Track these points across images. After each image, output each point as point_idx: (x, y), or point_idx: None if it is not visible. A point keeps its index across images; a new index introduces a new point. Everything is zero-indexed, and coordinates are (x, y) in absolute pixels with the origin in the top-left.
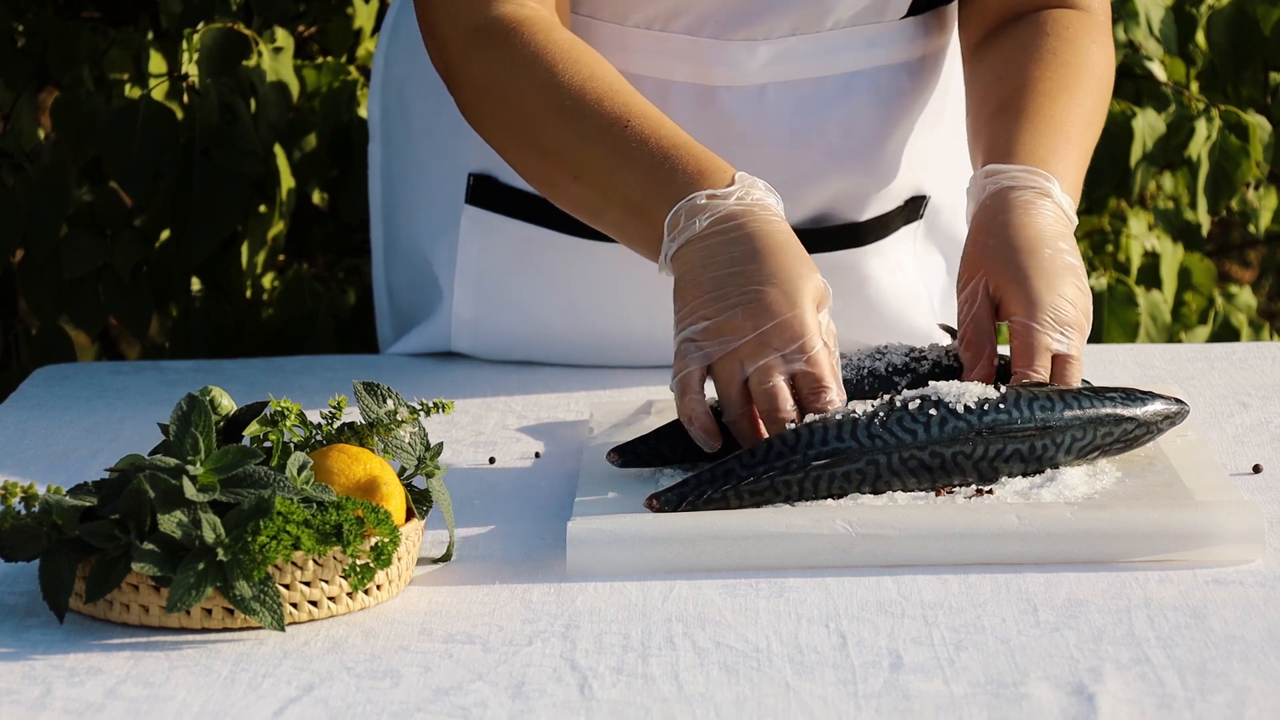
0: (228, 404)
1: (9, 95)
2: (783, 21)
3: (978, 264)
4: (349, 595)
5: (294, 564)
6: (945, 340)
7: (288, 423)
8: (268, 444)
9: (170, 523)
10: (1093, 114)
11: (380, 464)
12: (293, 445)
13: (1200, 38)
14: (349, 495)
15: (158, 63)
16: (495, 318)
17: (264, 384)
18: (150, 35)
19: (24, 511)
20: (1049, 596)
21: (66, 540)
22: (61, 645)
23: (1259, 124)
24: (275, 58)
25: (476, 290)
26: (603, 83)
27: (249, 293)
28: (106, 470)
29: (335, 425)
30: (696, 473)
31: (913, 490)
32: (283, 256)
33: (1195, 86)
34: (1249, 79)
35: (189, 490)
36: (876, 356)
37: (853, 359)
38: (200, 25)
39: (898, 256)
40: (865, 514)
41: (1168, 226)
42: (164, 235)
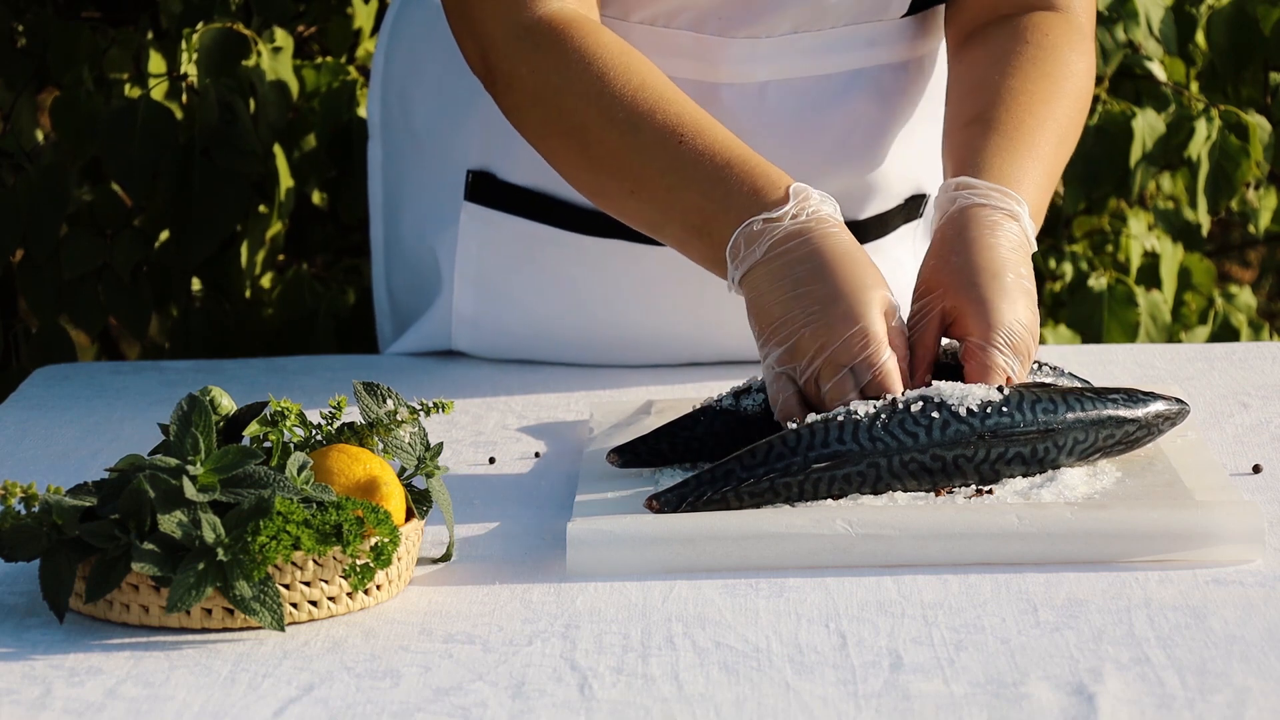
0: (228, 404)
1: (9, 95)
2: (784, 19)
3: (938, 280)
4: (349, 595)
5: (294, 564)
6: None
7: (288, 423)
8: (268, 444)
9: (170, 523)
10: (1068, 127)
11: (380, 464)
12: (293, 445)
13: (1200, 38)
14: (349, 495)
15: (157, 63)
16: (495, 315)
17: (264, 384)
18: (150, 35)
19: (24, 511)
20: (1049, 596)
21: (66, 540)
22: (61, 645)
23: (1259, 124)
24: (275, 58)
25: (476, 287)
26: (654, 91)
27: (249, 293)
28: (106, 470)
29: (335, 425)
30: (696, 473)
31: (913, 491)
32: (282, 256)
33: (1195, 86)
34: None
35: (189, 490)
36: None
37: None
38: (200, 25)
39: (897, 255)
40: (865, 514)
41: (1168, 226)
42: (164, 235)
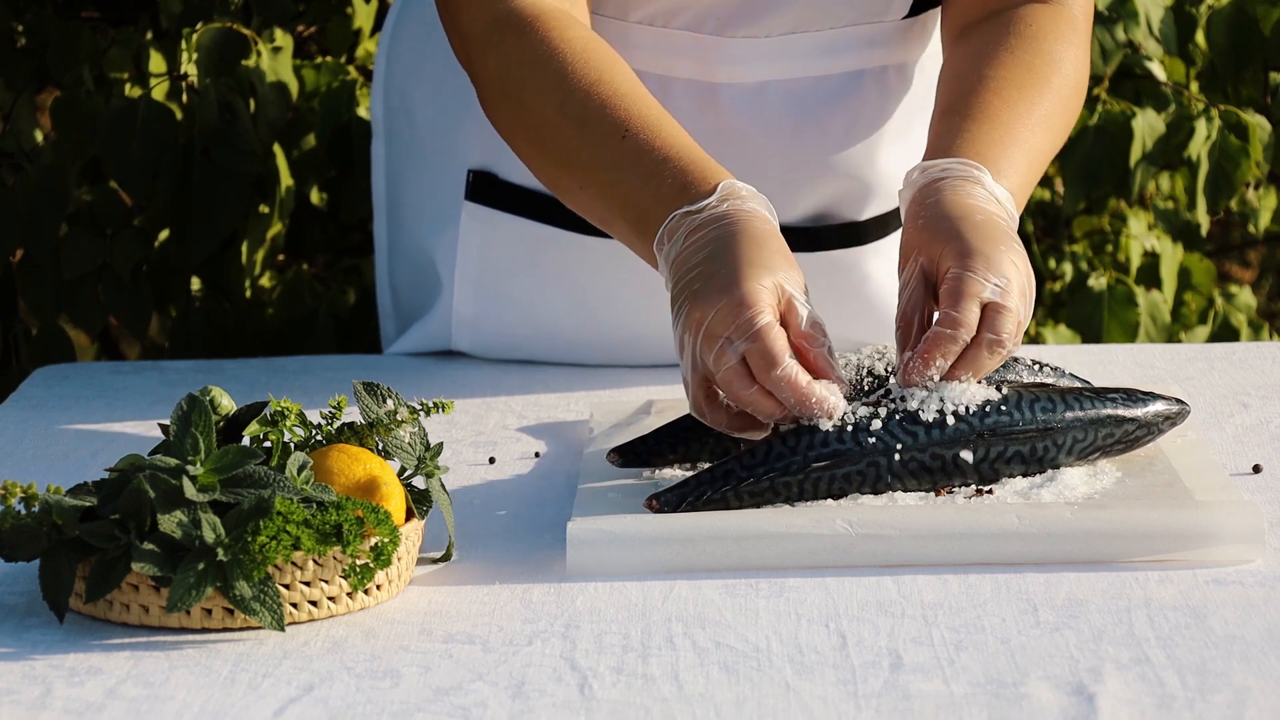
0: (228, 404)
1: (9, 95)
2: (783, 20)
3: (911, 245)
4: (349, 595)
5: (294, 564)
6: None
7: (288, 423)
8: (268, 444)
9: (170, 523)
10: (1052, 115)
11: (380, 464)
12: (293, 445)
13: (1200, 38)
14: (349, 495)
15: (157, 62)
16: (496, 315)
17: (264, 384)
18: (150, 35)
19: (24, 511)
20: (1049, 596)
21: (66, 540)
22: (61, 645)
23: (1259, 124)
24: (274, 57)
25: (477, 287)
26: (610, 86)
27: (249, 293)
28: (106, 470)
29: (335, 425)
30: (696, 473)
31: (913, 491)
32: (282, 256)
33: (1195, 86)
34: (1249, 79)
35: (189, 490)
36: (876, 356)
37: (853, 359)
38: (200, 25)
39: (896, 256)
40: (865, 514)
41: (1167, 226)
42: (164, 235)
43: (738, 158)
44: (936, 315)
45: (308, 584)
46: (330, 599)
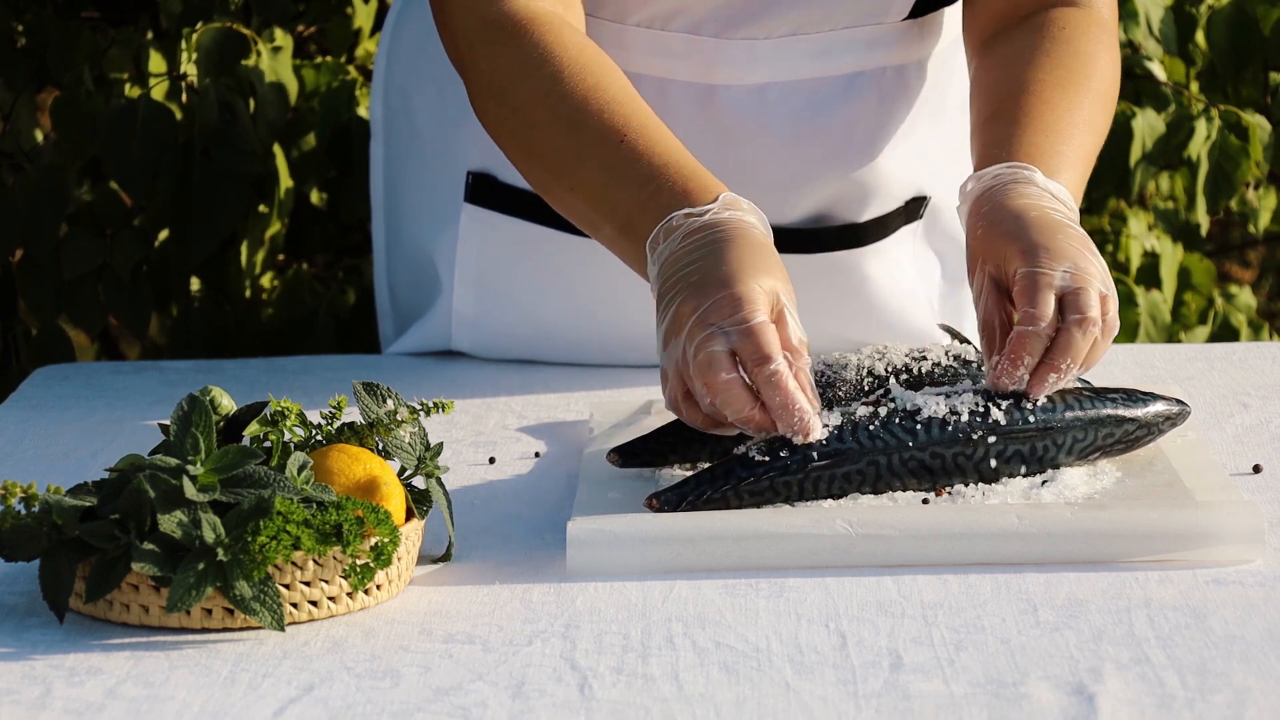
0: (228, 404)
1: (9, 95)
2: (783, 21)
3: (975, 254)
4: (349, 595)
5: (294, 564)
6: (945, 340)
7: (288, 423)
8: (268, 444)
9: (170, 523)
10: (1093, 116)
11: (380, 464)
12: (293, 445)
13: (1200, 38)
14: (349, 495)
15: (157, 62)
16: (496, 315)
17: (264, 384)
18: (150, 35)
19: (24, 511)
20: (1049, 596)
21: (66, 540)
22: (61, 645)
23: (1259, 124)
24: (274, 57)
25: (477, 288)
26: (606, 93)
27: (249, 293)
28: (106, 470)
29: (335, 425)
30: (696, 473)
31: (913, 490)
32: (282, 256)
33: (1195, 86)
34: (1249, 79)
35: (189, 490)
36: (876, 356)
37: (852, 359)
38: (199, 25)
39: (897, 257)
40: (865, 514)
41: (1167, 226)
42: (164, 235)
43: (736, 160)
44: (1018, 318)
45: (308, 584)
46: (330, 599)
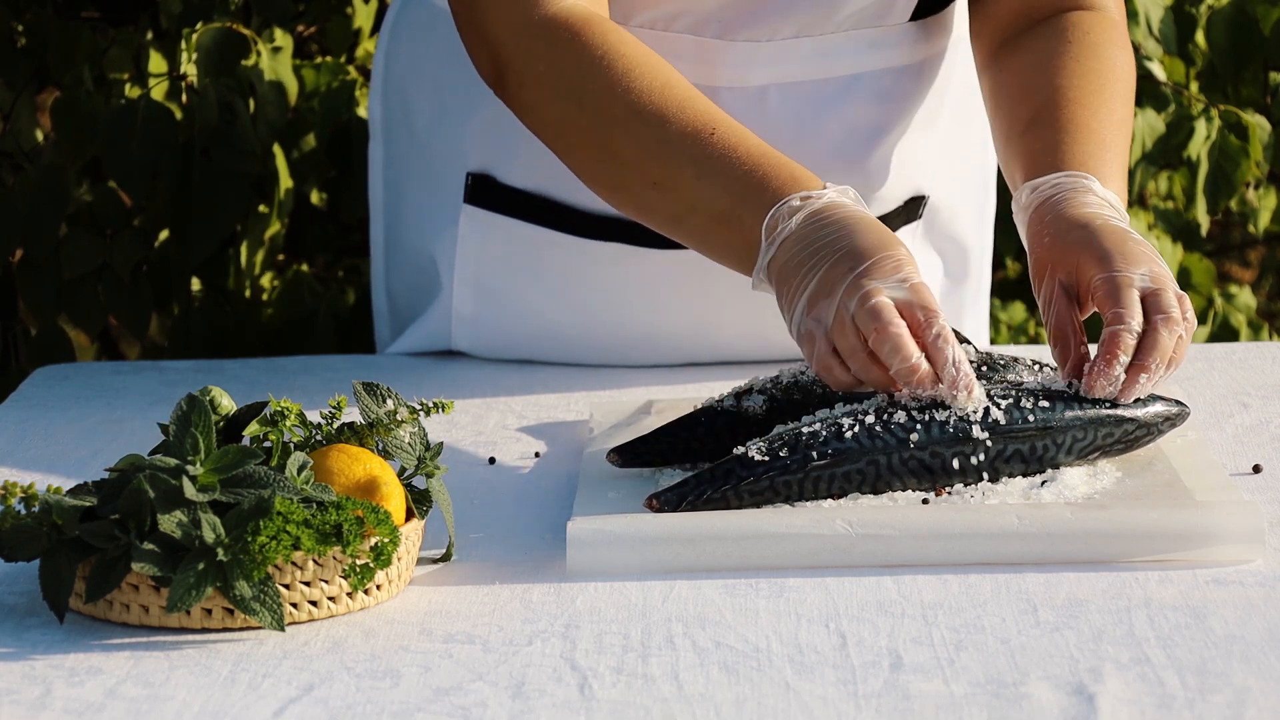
0: (228, 404)
1: (9, 95)
2: (786, 24)
3: (1043, 262)
4: (349, 595)
5: (294, 564)
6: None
7: (288, 423)
8: (268, 444)
9: (170, 523)
10: (1124, 119)
11: (380, 464)
12: (293, 445)
13: (1200, 38)
14: (349, 495)
15: (157, 62)
16: (495, 316)
17: (264, 384)
18: (150, 35)
19: (24, 511)
20: (1049, 596)
21: (66, 540)
22: (61, 645)
23: (1259, 124)
24: (274, 57)
25: (476, 288)
26: (681, 89)
27: (248, 293)
28: (106, 470)
29: (335, 425)
30: (696, 473)
31: (913, 490)
32: (282, 256)
33: (1195, 86)
34: (1249, 79)
35: (189, 490)
36: None
37: None
38: (199, 25)
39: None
40: (865, 514)
41: (1167, 226)
42: (164, 235)
43: None
44: (1106, 319)
45: (308, 584)
46: (330, 599)
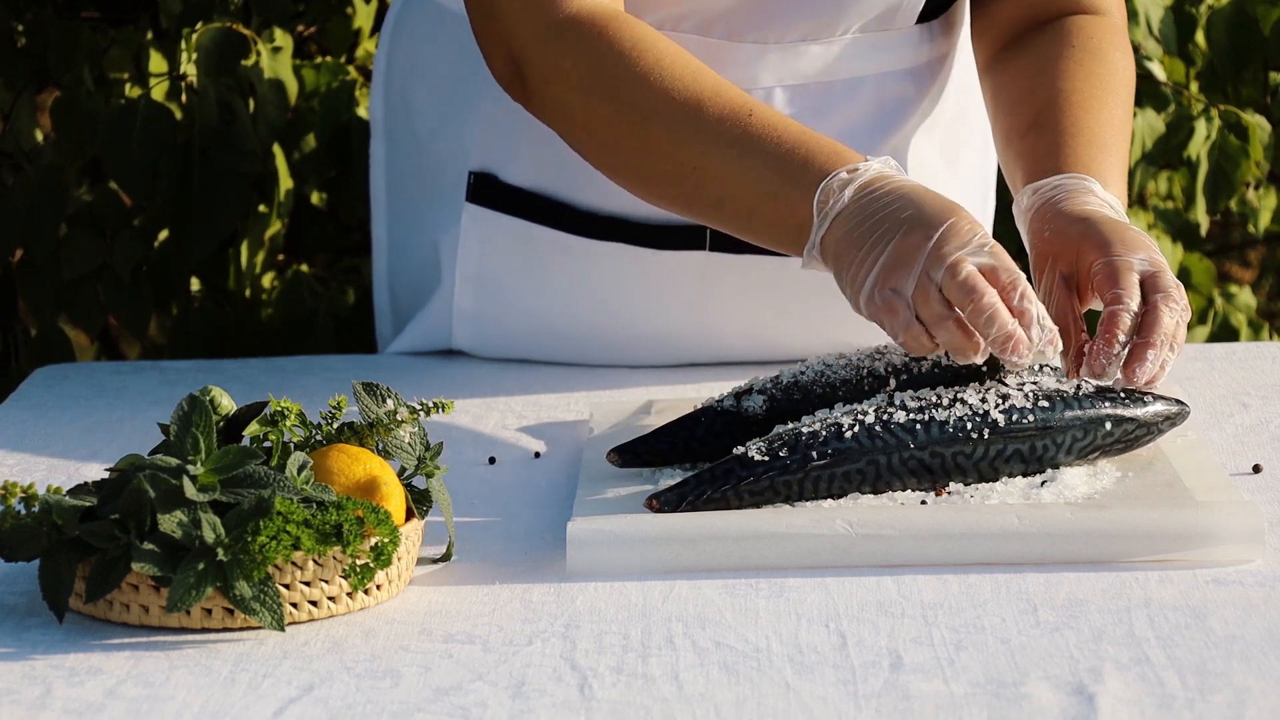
0: (228, 404)
1: (9, 95)
2: (793, 27)
3: (1044, 255)
4: (349, 595)
5: (294, 564)
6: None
7: (288, 423)
8: (268, 444)
9: (170, 523)
10: (1124, 123)
11: (380, 464)
12: (293, 445)
13: (1200, 38)
14: (349, 495)
15: (157, 62)
16: (496, 313)
17: (264, 384)
18: (150, 35)
19: (24, 511)
20: (1049, 596)
21: (66, 540)
22: (61, 645)
23: (1258, 124)
24: (274, 57)
25: (478, 287)
26: (710, 77)
27: (248, 293)
28: (106, 470)
29: (335, 425)
30: (696, 473)
31: (913, 490)
32: (282, 256)
33: (1195, 86)
34: (1249, 79)
35: (189, 490)
36: (876, 356)
37: (852, 359)
38: (199, 25)
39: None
40: (865, 514)
41: (1167, 226)
42: (163, 235)
43: None
44: (1105, 301)
45: (308, 584)
46: (330, 599)
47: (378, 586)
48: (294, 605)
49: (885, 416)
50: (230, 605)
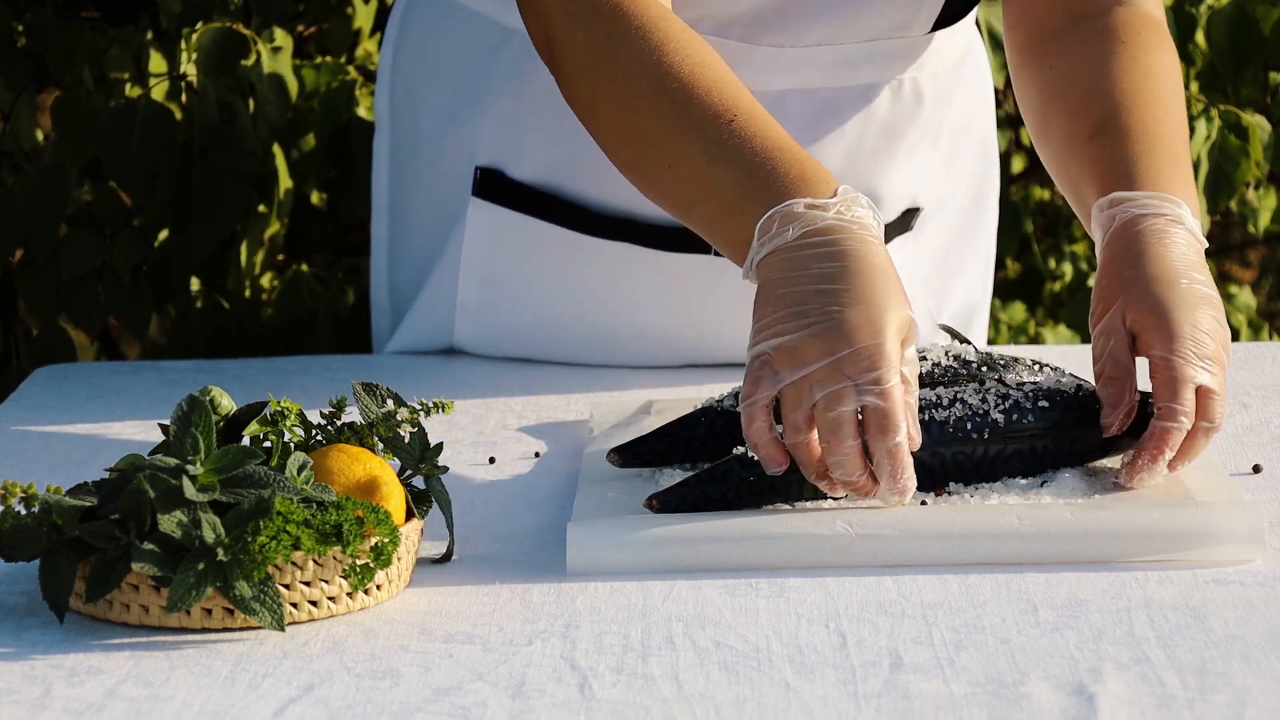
0: (228, 404)
1: (9, 95)
2: (810, 31)
3: (1114, 295)
4: (349, 595)
5: (294, 564)
6: (945, 340)
7: (288, 423)
8: (268, 444)
9: (170, 523)
10: (1183, 124)
11: (380, 464)
12: (293, 445)
13: (1200, 38)
14: (349, 495)
15: (157, 62)
16: (499, 308)
17: (264, 384)
18: (150, 35)
19: (24, 511)
20: (1049, 596)
21: (66, 540)
22: (61, 645)
23: (1259, 124)
24: (274, 57)
25: (482, 282)
26: (713, 72)
27: (248, 293)
28: (106, 470)
29: (335, 425)
30: (696, 473)
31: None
32: (282, 256)
33: (1195, 86)
34: (1249, 79)
35: (189, 490)
36: None
37: None
38: (199, 25)
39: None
40: (865, 514)
41: None
42: (163, 235)
43: None
44: (1156, 408)
45: (308, 584)
46: (330, 599)
47: (378, 586)
48: (294, 605)
49: None
50: (230, 605)
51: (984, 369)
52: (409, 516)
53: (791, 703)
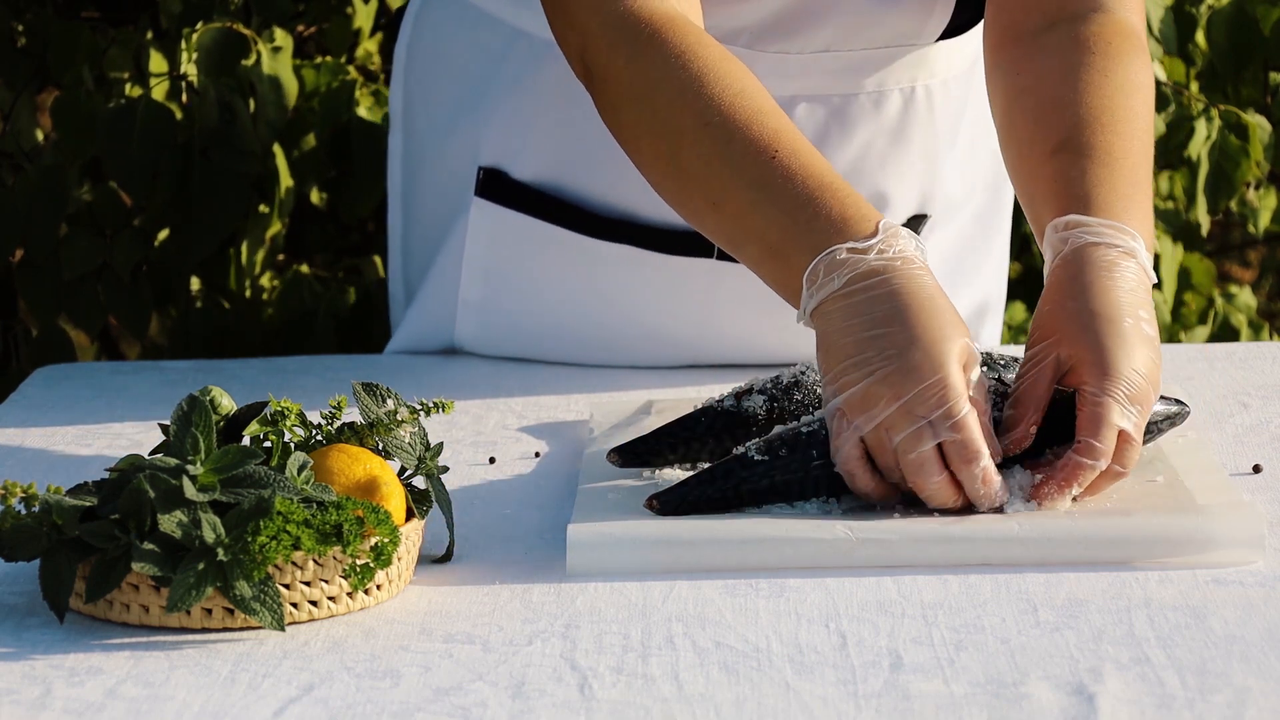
0: (228, 404)
1: (9, 95)
2: (817, 38)
3: (1055, 325)
4: (349, 595)
5: (294, 564)
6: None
7: (288, 423)
8: (268, 444)
9: (170, 523)
10: (1150, 143)
11: (380, 464)
12: (293, 445)
13: (1200, 38)
14: (349, 495)
15: (157, 62)
16: (502, 309)
17: (264, 384)
18: (150, 35)
19: (24, 511)
20: (1049, 596)
21: (66, 540)
22: (61, 645)
23: (1259, 124)
24: (274, 57)
25: (484, 281)
26: (753, 102)
27: (248, 293)
28: (106, 470)
29: (335, 425)
30: (696, 473)
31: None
32: (282, 256)
33: (1195, 86)
34: (1249, 79)
35: (189, 490)
36: None
37: None
38: (199, 25)
39: None
40: (866, 518)
41: (1168, 226)
42: (163, 235)
43: None
44: (1077, 442)
45: (308, 584)
46: (330, 599)
47: (378, 586)
48: (294, 605)
49: None
50: (230, 605)
51: (983, 369)
52: (409, 516)
53: (791, 703)
